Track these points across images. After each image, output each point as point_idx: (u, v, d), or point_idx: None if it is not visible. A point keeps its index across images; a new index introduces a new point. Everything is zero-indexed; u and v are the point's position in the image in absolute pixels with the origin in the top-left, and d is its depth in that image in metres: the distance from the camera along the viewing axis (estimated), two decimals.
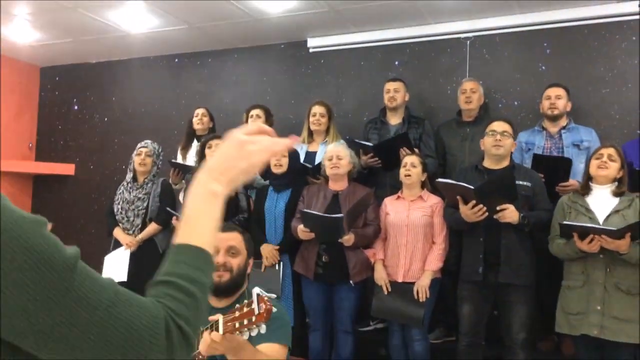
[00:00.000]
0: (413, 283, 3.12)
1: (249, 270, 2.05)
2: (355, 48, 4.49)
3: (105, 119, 5.49)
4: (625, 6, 3.62)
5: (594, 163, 2.87)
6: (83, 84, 5.60)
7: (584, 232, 2.63)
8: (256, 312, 1.50)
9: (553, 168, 3.23)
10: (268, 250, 3.38)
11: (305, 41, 4.62)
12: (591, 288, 2.72)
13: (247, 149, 0.83)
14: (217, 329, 1.56)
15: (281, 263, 3.42)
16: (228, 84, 4.96)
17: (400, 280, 3.16)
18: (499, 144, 2.99)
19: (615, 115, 3.68)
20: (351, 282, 3.17)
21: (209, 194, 0.80)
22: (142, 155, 3.77)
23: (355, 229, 3.20)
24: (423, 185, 3.31)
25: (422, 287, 3.08)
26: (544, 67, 3.91)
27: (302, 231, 3.21)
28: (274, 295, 1.61)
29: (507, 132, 3.02)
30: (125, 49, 5.09)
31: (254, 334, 1.54)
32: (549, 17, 3.85)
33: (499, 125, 3.05)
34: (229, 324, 1.54)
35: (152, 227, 3.68)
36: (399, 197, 3.32)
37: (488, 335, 3.20)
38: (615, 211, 2.75)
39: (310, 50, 4.64)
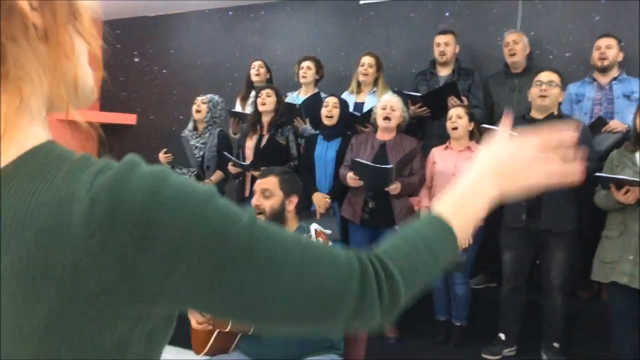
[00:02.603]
0: None
1: (290, 208, 2.21)
2: (405, 0, 4.51)
3: (164, 71, 5.74)
4: None
5: None
6: (143, 37, 5.85)
7: (620, 184, 2.69)
8: None
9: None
10: (319, 199, 3.57)
11: None
12: (627, 238, 2.79)
13: (536, 168, 0.73)
14: None
15: (332, 209, 3.62)
16: (280, 36, 5.08)
17: None
18: (544, 94, 3.04)
19: None
20: (396, 227, 3.35)
21: (486, 198, 0.72)
22: (198, 102, 4.02)
23: (402, 178, 3.34)
24: (471, 136, 3.40)
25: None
26: (597, 17, 3.85)
27: (351, 178, 3.37)
28: (329, 231, 1.81)
29: (554, 82, 3.06)
30: (181, 3, 5.27)
31: None
32: None
33: (545, 76, 3.08)
34: None
35: (218, 175, 3.96)
36: (447, 147, 3.42)
37: (530, 281, 3.34)
38: None
39: (361, 2, 4.69)
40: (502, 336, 3.21)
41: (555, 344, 3.11)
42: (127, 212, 0.48)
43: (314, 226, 1.74)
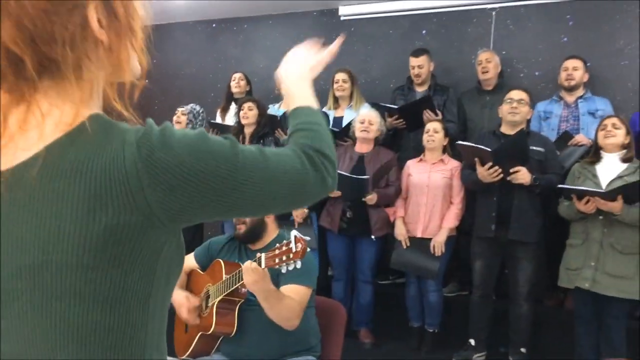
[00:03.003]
0: (430, 239, 3.40)
1: (270, 216, 2.31)
2: (384, 17, 4.68)
3: (147, 80, 5.80)
4: None
5: (600, 134, 3.06)
6: None
7: (581, 195, 2.87)
8: (293, 250, 1.81)
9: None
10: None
11: (337, 9, 4.82)
12: (589, 246, 2.96)
13: (304, 57, 1.15)
14: (259, 264, 1.88)
15: (310, 218, 3.74)
16: (262, 49, 5.20)
17: (419, 235, 3.44)
18: (514, 111, 3.21)
19: (632, 87, 3.83)
20: (372, 236, 3.48)
21: (306, 81, 1.10)
22: (178, 113, 4.14)
23: (378, 189, 3.48)
24: (444, 150, 3.56)
25: (439, 243, 3.37)
26: (565, 39, 4.05)
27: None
28: (308, 238, 1.92)
29: (524, 100, 3.23)
30: (166, 15, 5.37)
31: (290, 268, 1.85)
32: None
33: (516, 94, 3.26)
34: (269, 259, 1.86)
35: None
36: (421, 159, 3.57)
37: (498, 290, 3.49)
38: (619, 177, 2.96)
39: (342, 18, 4.85)
40: (472, 342, 3.36)
41: (522, 349, 3.26)
42: (164, 158, 0.71)
43: (293, 232, 1.85)
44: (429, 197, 3.43)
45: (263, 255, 1.87)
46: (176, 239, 0.79)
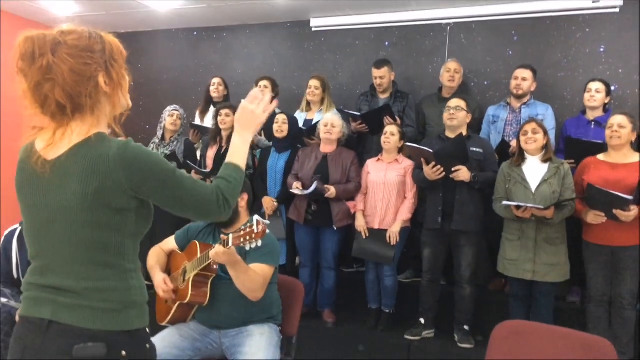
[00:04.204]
0: (386, 230, 3.83)
1: (242, 204, 2.71)
2: (352, 29, 5.12)
3: (132, 84, 6.16)
4: (581, 2, 4.20)
5: (522, 139, 3.48)
6: None
7: (518, 206, 3.32)
8: (255, 230, 2.21)
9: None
10: (268, 202, 4.09)
11: (309, 21, 5.24)
12: (525, 241, 3.39)
13: (253, 112, 1.63)
14: (228, 243, 2.28)
15: (279, 211, 4.15)
16: (240, 56, 5.61)
17: (376, 227, 3.87)
18: (452, 117, 3.65)
19: (567, 96, 4.31)
20: (334, 227, 3.90)
21: (242, 138, 1.59)
22: (174, 117, 4.50)
23: (339, 185, 3.90)
24: (400, 151, 3.98)
25: (393, 233, 3.79)
26: (511, 52, 4.52)
27: (296, 188, 3.91)
28: (268, 222, 2.32)
29: (460, 106, 3.67)
30: (150, 22, 5.74)
31: (253, 246, 2.25)
32: (518, 9, 4.44)
33: (453, 102, 3.70)
34: (236, 239, 2.26)
35: None
36: (379, 159, 4.00)
37: (450, 276, 3.92)
38: (544, 180, 3.39)
39: (313, 29, 5.27)
40: (422, 320, 3.79)
41: (465, 327, 3.70)
42: (130, 156, 1.32)
43: (255, 217, 2.24)
44: (385, 193, 3.86)
45: (231, 235, 2.27)
46: (144, 206, 1.41)
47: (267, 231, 2.30)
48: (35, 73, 1.31)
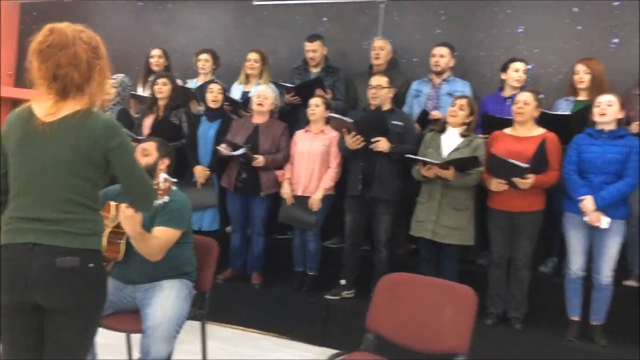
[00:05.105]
0: (309, 197, 4.04)
1: (162, 167, 2.87)
2: (291, 4, 5.27)
3: None
4: None
5: (448, 111, 3.77)
6: (58, 20, 6.24)
7: (424, 163, 3.58)
8: (161, 187, 2.39)
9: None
10: (199, 171, 4.26)
11: None
12: (431, 203, 3.68)
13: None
14: None
15: (212, 179, 4.32)
16: (183, 28, 5.70)
17: (300, 194, 4.09)
18: (374, 95, 3.88)
19: (487, 74, 4.57)
20: (262, 194, 4.11)
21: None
22: (109, 84, 4.60)
23: (268, 155, 4.09)
24: (328, 122, 4.18)
25: (316, 200, 4.01)
26: (439, 31, 4.74)
27: (224, 148, 4.07)
28: (174, 180, 2.50)
29: (380, 85, 3.89)
30: None
31: (160, 202, 2.43)
32: None
33: (374, 80, 3.92)
34: None
35: None
36: (306, 130, 4.20)
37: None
38: (456, 149, 3.66)
39: (254, 3, 5.40)
40: (343, 282, 4.04)
41: None
42: (112, 127, 1.84)
43: (162, 175, 2.42)
44: (309, 162, 4.07)
45: None
46: (109, 166, 1.85)
47: (174, 189, 2.47)
48: (62, 58, 1.75)
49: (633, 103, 3.79)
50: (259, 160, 4.01)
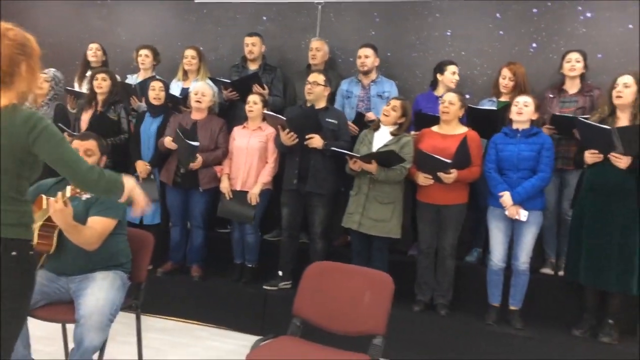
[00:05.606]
0: (248, 192, 4.16)
1: (102, 165, 2.96)
2: (232, 3, 5.36)
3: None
4: None
5: (384, 109, 3.96)
6: None
7: (351, 157, 3.77)
8: None
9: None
10: (140, 166, 4.31)
11: None
12: (359, 196, 3.87)
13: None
14: (66, 193, 2.51)
15: (153, 174, 4.37)
16: (124, 23, 5.70)
17: (238, 189, 4.20)
18: (309, 91, 4.03)
19: (419, 74, 4.80)
20: (200, 189, 4.20)
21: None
22: (41, 79, 4.56)
23: (206, 152, 4.18)
24: (265, 118, 4.31)
25: (254, 194, 4.14)
26: (373, 32, 4.95)
27: (169, 142, 4.13)
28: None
29: (317, 82, 4.04)
30: None
31: (89, 196, 2.51)
32: None
33: (312, 77, 4.07)
34: (73, 190, 2.48)
35: None
36: (244, 126, 4.31)
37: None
38: (385, 145, 3.86)
39: (196, 1, 5.46)
40: (280, 273, 4.19)
41: None
42: (34, 121, 1.88)
43: None
44: (247, 157, 4.19)
45: (69, 187, 2.51)
46: (37, 160, 1.93)
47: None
48: None
49: (546, 106, 4.10)
50: (198, 162, 4.10)
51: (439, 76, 4.39)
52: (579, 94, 4.07)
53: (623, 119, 3.49)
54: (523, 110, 3.69)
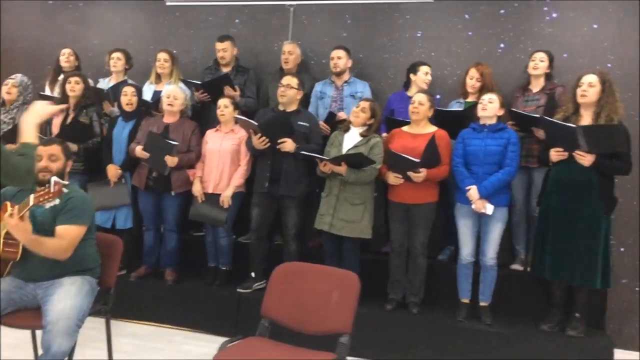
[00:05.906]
0: (220, 194, 4.17)
1: (68, 170, 2.94)
2: (205, 5, 5.36)
3: None
4: None
5: (353, 111, 3.99)
6: None
7: (320, 159, 3.80)
8: (51, 190, 2.44)
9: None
10: (111, 170, 4.30)
11: None
12: (330, 198, 3.90)
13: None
14: (29, 202, 2.49)
15: (124, 178, 4.36)
16: (96, 27, 5.66)
17: (210, 191, 4.20)
18: (282, 94, 4.05)
19: (390, 75, 4.85)
20: (173, 192, 4.19)
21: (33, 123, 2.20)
22: (9, 85, 4.54)
23: (180, 154, 4.17)
24: (237, 122, 4.32)
25: (226, 197, 4.14)
26: (345, 34, 4.98)
27: (140, 152, 4.14)
28: (66, 182, 2.56)
29: (290, 84, 4.06)
30: None
31: (52, 204, 2.49)
32: None
33: (285, 80, 4.09)
34: (36, 199, 2.46)
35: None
36: (217, 129, 4.32)
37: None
38: (355, 147, 3.89)
39: (167, 3, 5.45)
40: (253, 274, 4.20)
41: None
42: None
43: (53, 178, 2.46)
44: (220, 160, 4.19)
45: (32, 195, 2.49)
46: None
47: (66, 191, 2.51)
48: None
49: (513, 105, 4.17)
50: (172, 160, 4.09)
51: (412, 76, 4.44)
52: (541, 92, 4.16)
53: (586, 117, 3.57)
54: (487, 106, 3.75)
